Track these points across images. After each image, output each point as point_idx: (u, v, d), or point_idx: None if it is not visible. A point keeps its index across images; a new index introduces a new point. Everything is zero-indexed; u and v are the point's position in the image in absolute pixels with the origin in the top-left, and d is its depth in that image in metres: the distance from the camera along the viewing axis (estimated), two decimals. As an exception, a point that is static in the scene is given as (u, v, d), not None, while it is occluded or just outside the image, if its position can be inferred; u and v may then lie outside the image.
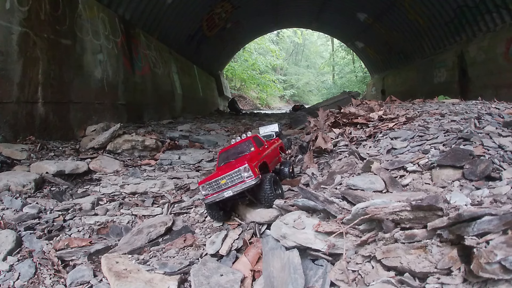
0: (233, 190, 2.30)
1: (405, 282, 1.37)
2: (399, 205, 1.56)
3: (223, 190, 2.32)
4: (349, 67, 34.71)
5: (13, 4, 4.77)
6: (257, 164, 2.42)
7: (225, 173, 2.34)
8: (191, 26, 14.01)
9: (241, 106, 26.19)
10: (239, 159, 2.60)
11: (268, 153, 2.87)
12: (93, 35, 7.01)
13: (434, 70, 13.42)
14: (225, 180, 2.31)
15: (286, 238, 1.79)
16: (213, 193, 2.35)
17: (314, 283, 1.62)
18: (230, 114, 17.46)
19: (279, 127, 5.02)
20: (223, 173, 2.36)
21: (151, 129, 7.49)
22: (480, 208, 1.34)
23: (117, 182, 3.85)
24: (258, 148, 2.79)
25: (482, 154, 2.12)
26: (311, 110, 10.24)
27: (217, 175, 2.39)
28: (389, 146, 2.77)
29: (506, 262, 1.14)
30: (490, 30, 9.97)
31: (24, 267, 2.05)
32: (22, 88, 4.91)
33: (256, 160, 2.48)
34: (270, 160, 2.84)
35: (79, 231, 2.59)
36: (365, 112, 4.32)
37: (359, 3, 15.26)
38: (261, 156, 2.62)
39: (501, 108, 4.01)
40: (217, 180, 2.35)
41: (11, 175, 3.36)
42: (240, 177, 2.28)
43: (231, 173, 2.31)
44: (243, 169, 2.27)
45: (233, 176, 2.30)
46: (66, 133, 5.77)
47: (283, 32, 39.88)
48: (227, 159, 2.80)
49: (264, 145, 2.97)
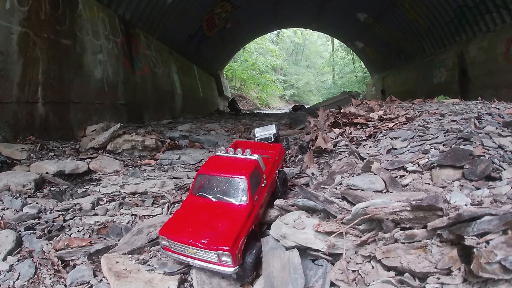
0: (203, 266, 1.80)
1: (405, 282, 1.37)
2: (399, 205, 1.56)
3: (189, 257, 1.81)
4: (349, 67, 34.73)
5: (13, 4, 4.77)
6: (243, 241, 1.77)
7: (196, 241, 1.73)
8: (191, 26, 14.01)
9: (241, 106, 26.19)
10: (219, 221, 1.84)
11: (264, 201, 2.13)
12: (93, 35, 7.01)
13: (434, 70, 13.42)
14: (195, 251, 1.77)
15: (286, 238, 1.79)
16: (176, 252, 1.84)
17: (314, 283, 1.62)
18: (230, 114, 17.45)
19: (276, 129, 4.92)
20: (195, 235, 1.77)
21: (151, 129, 7.49)
22: (480, 208, 1.34)
23: (117, 182, 3.85)
24: (252, 197, 1.97)
25: (482, 154, 2.12)
26: (311, 110, 10.25)
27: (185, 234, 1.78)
28: (389, 146, 2.77)
29: (506, 262, 1.14)
30: (490, 30, 9.97)
31: (24, 267, 2.05)
32: (22, 88, 4.91)
33: (244, 232, 1.80)
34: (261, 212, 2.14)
35: (79, 231, 2.59)
36: (365, 112, 4.32)
37: (359, 3, 15.26)
38: (252, 219, 1.90)
39: (501, 108, 4.01)
40: (183, 247, 1.79)
41: (11, 175, 3.36)
42: (215, 258, 1.74)
43: (204, 250, 1.74)
44: (221, 254, 1.71)
45: (206, 253, 1.75)
46: (66, 133, 5.77)
47: (283, 32, 39.92)
48: (205, 191, 2.06)
49: (261, 181, 2.16)
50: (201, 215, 1.92)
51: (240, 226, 1.81)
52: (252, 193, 1.99)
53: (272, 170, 2.41)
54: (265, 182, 2.19)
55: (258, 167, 2.15)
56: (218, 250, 1.70)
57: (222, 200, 1.99)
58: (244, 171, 2.03)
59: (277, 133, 4.73)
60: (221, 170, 2.08)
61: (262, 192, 2.12)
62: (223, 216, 1.88)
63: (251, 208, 1.94)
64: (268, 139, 4.59)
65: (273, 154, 2.57)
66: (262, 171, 2.20)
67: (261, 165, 2.20)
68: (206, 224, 1.84)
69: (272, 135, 4.56)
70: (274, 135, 4.59)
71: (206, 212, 1.93)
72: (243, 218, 1.86)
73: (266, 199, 2.23)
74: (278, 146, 2.83)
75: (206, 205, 1.99)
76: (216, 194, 2.02)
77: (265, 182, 2.19)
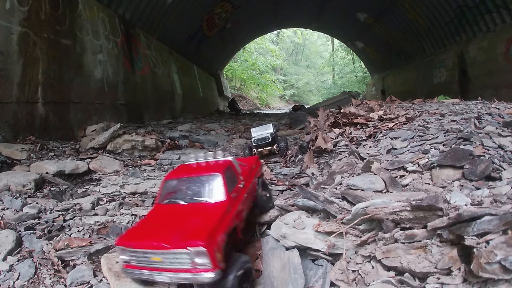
0: (172, 278, 1.45)
1: (405, 282, 1.37)
2: (399, 205, 1.56)
3: (154, 269, 1.47)
4: (349, 67, 34.73)
5: (13, 4, 4.77)
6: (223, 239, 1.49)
7: (162, 241, 1.43)
8: (191, 26, 14.01)
9: (241, 106, 26.18)
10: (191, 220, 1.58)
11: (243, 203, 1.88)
12: (93, 35, 7.01)
13: (434, 70, 13.42)
14: (161, 258, 1.44)
15: (286, 238, 1.80)
16: (138, 266, 1.50)
17: (314, 283, 1.62)
18: (230, 114, 17.45)
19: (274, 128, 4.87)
20: (160, 236, 1.47)
21: (151, 129, 7.49)
22: (480, 208, 1.34)
23: (117, 182, 3.85)
24: (229, 193, 1.76)
25: (482, 154, 2.12)
26: (311, 110, 10.24)
27: (149, 238, 1.50)
28: (389, 146, 2.77)
29: (506, 262, 1.14)
30: (490, 30, 9.97)
31: (24, 267, 2.05)
32: (22, 88, 4.91)
33: (223, 229, 1.52)
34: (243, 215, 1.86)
35: (79, 231, 2.59)
36: (365, 112, 4.32)
37: (359, 3, 15.26)
38: (231, 216, 1.65)
39: (501, 108, 4.01)
40: (146, 253, 1.45)
41: (11, 175, 3.35)
42: (187, 262, 1.38)
43: (172, 252, 1.40)
44: (194, 252, 1.36)
45: (174, 257, 1.41)
46: (66, 133, 5.77)
47: (283, 32, 39.90)
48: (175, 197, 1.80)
49: (238, 181, 1.95)
50: (170, 220, 1.63)
51: (216, 220, 1.54)
52: (229, 190, 1.79)
53: (250, 175, 2.22)
54: (243, 184, 2.00)
55: (232, 167, 1.99)
56: (190, 247, 1.34)
57: (195, 201, 1.75)
58: (218, 168, 1.87)
59: (274, 133, 4.70)
60: (192, 172, 1.88)
61: (240, 192, 1.92)
62: (196, 216, 1.61)
63: (229, 204, 1.72)
64: (265, 139, 4.55)
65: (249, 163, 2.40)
66: (238, 173, 2.02)
67: (236, 166, 2.03)
68: (175, 226, 1.54)
69: (269, 135, 4.53)
70: (272, 134, 4.56)
71: (176, 216, 1.65)
72: (220, 213, 1.61)
73: (247, 203, 1.99)
74: (254, 158, 2.68)
75: (176, 210, 1.72)
76: (188, 197, 1.77)
77: (242, 183, 1.99)
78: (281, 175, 3.68)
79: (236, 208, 1.77)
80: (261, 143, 4.53)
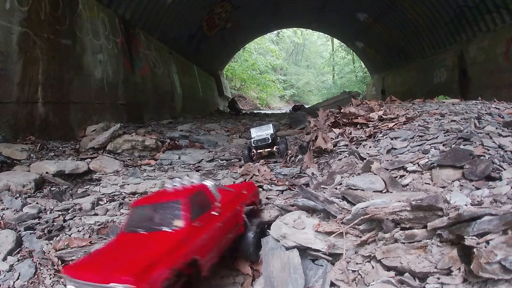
0: None
1: (405, 282, 1.37)
2: (399, 205, 1.56)
3: None
4: (349, 67, 34.72)
5: (13, 4, 4.77)
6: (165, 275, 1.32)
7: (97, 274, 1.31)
8: (191, 26, 14.01)
9: (241, 106, 26.19)
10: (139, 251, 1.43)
11: (214, 233, 1.71)
12: (93, 35, 7.01)
13: (434, 70, 13.42)
14: None
15: (286, 238, 1.79)
16: None
17: (314, 283, 1.62)
18: (230, 114, 17.45)
19: (274, 129, 4.79)
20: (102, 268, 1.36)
21: (151, 129, 7.50)
22: (480, 208, 1.34)
23: (117, 182, 3.85)
24: (191, 221, 1.58)
25: (482, 154, 2.12)
26: (311, 110, 10.23)
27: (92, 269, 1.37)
28: (389, 146, 2.77)
29: (506, 262, 1.14)
30: (490, 30, 9.96)
31: (24, 267, 2.05)
32: (22, 88, 4.91)
33: (168, 263, 1.35)
34: (211, 247, 1.66)
35: (79, 231, 2.59)
36: (365, 112, 4.32)
37: (359, 3, 15.26)
38: (187, 248, 1.47)
39: (501, 108, 4.01)
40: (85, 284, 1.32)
41: (11, 175, 3.36)
42: None
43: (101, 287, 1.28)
44: None
45: None
46: (66, 133, 5.77)
47: (283, 32, 39.89)
48: (137, 225, 1.65)
49: (211, 209, 1.78)
50: (122, 250, 1.50)
51: (161, 252, 1.36)
52: (192, 217, 1.60)
53: (234, 202, 2.02)
54: (218, 210, 1.80)
55: (205, 191, 1.81)
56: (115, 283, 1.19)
57: (154, 230, 1.58)
58: (182, 193, 1.70)
59: (274, 134, 4.62)
60: (156, 198, 1.75)
61: (210, 221, 1.71)
62: (147, 247, 1.45)
63: (188, 233, 1.52)
64: (265, 140, 4.46)
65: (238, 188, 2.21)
66: (214, 198, 1.83)
67: (212, 190, 1.85)
68: (122, 257, 1.41)
69: (269, 136, 4.42)
70: (272, 135, 4.46)
71: (129, 247, 1.51)
72: (171, 243, 1.42)
73: (222, 234, 1.77)
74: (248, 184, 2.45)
75: (133, 239, 1.58)
76: (148, 225, 1.62)
77: (217, 210, 1.80)
78: (281, 175, 3.68)
79: (198, 238, 1.55)
80: (260, 144, 4.44)
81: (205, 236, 1.61)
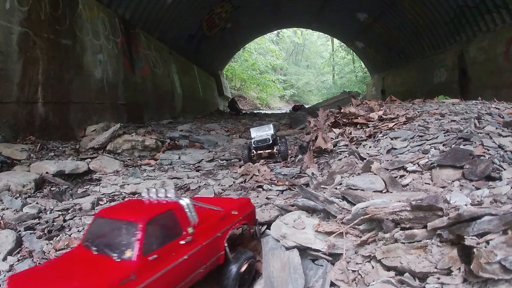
0: None
1: (405, 282, 1.37)
2: (399, 205, 1.56)
3: None
4: (349, 67, 34.71)
5: (13, 4, 4.77)
6: None
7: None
8: (191, 26, 14.01)
9: (241, 106, 26.18)
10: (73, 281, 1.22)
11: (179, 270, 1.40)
12: (93, 35, 7.01)
13: (434, 70, 13.42)
14: None
15: (286, 238, 1.79)
16: None
17: (314, 283, 1.62)
18: (230, 114, 17.45)
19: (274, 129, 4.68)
20: None
21: (151, 129, 7.50)
22: (480, 208, 1.34)
23: (117, 182, 3.85)
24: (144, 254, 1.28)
25: (482, 154, 2.12)
26: (311, 110, 10.23)
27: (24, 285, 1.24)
28: (389, 146, 2.77)
29: (506, 262, 1.14)
30: (490, 30, 9.96)
31: (24, 267, 2.05)
32: (22, 88, 4.91)
33: None
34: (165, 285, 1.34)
35: (79, 231, 2.59)
36: (365, 112, 4.32)
37: (359, 3, 15.26)
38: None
39: (501, 108, 4.01)
40: None
41: (11, 175, 3.36)
42: None
43: None
44: None
45: None
46: (66, 133, 5.77)
47: (283, 32, 39.87)
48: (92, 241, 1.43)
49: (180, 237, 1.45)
50: (62, 270, 1.30)
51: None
52: (147, 249, 1.30)
53: (217, 226, 1.68)
54: (189, 239, 1.47)
55: (176, 212, 1.47)
56: None
57: (103, 253, 1.34)
58: (143, 214, 1.40)
59: (274, 134, 4.54)
60: (117, 213, 1.49)
61: (176, 252, 1.40)
62: (88, 276, 1.23)
63: (137, 269, 1.24)
64: (265, 141, 4.31)
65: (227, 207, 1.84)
66: (187, 222, 1.49)
67: (187, 211, 1.50)
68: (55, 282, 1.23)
69: (270, 137, 4.32)
70: (272, 136, 4.35)
71: (71, 269, 1.31)
72: (111, 278, 1.18)
73: (189, 270, 1.46)
74: (243, 200, 2.08)
75: (81, 259, 1.36)
76: (101, 245, 1.38)
77: (188, 239, 1.46)
78: (281, 175, 3.68)
79: (150, 277, 1.27)
80: (261, 145, 4.34)
81: (162, 274, 1.31)
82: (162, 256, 1.34)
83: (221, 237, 1.68)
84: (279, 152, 4.38)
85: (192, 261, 1.47)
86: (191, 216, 1.51)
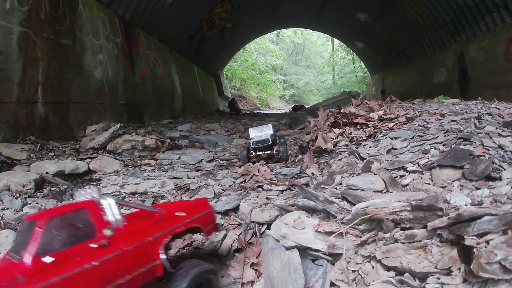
0: None
1: (405, 282, 1.37)
2: (399, 205, 1.56)
3: None
4: (349, 67, 34.71)
5: (13, 4, 4.77)
6: None
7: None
8: (191, 26, 14.01)
9: (241, 106, 26.18)
10: None
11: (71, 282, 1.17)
12: (93, 35, 7.01)
13: (434, 70, 13.42)
14: None
15: (286, 238, 1.80)
16: None
17: (314, 283, 1.62)
18: (230, 114, 17.45)
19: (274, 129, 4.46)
20: None
21: (151, 129, 7.49)
22: (480, 208, 1.34)
23: (117, 182, 3.85)
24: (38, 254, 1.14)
25: (482, 154, 2.12)
26: (311, 110, 10.23)
27: None
28: (389, 146, 2.77)
29: (506, 262, 1.14)
30: (490, 30, 9.96)
31: (24, 267, 2.05)
32: (22, 88, 4.91)
33: None
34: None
35: (79, 231, 2.59)
36: (365, 112, 4.32)
37: (359, 3, 15.26)
38: None
39: (501, 108, 4.01)
40: None
41: (11, 175, 3.35)
42: None
43: None
44: None
45: None
46: (66, 133, 5.77)
47: (283, 32, 39.86)
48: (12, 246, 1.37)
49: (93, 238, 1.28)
50: None
51: None
52: (44, 250, 1.15)
53: (150, 230, 1.46)
54: (103, 242, 1.28)
55: (90, 211, 1.30)
56: None
57: (9, 255, 1.23)
58: (45, 213, 1.31)
59: (274, 134, 4.46)
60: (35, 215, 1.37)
61: (83, 257, 1.22)
62: None
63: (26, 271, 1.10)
64: (265, 142, 4.19)
65: (171, 209, 1.66)
66: (105, 223, 1.32)
67: (107, 211, 1.35)
68: None
69: (269, 137, 4.21)
70: (272, 136, 4.24)
71: None
72: None
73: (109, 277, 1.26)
74: (199, 202, 1.92)
75: None
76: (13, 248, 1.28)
77: (102, 242, 1.28)
78: (281, 175, 3.68)
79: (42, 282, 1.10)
80: (260, 146, 4.23)
81: (61, 280, 1.13)
82: (62, 259, 1.17)
83: (155, 243, 1.43)
84: (278, 153, 4.31)
85: (108, 269, 1.26)
86: (112, 217, 1.34)
